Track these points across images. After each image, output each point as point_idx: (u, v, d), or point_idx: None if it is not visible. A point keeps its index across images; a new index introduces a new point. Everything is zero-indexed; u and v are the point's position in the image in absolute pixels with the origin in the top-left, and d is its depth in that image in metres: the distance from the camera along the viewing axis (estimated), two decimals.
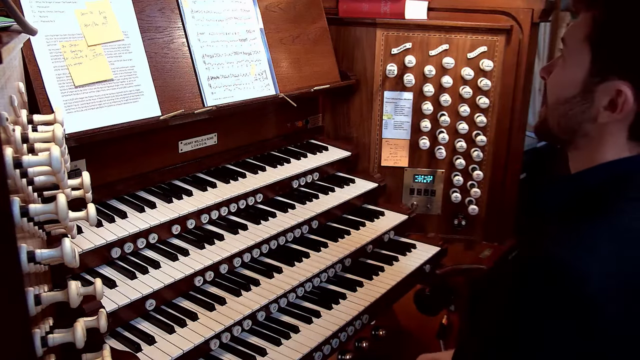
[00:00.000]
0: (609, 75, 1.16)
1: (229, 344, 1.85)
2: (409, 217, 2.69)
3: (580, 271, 1.04)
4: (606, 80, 1.16)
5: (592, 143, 1.24)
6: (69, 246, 1.04)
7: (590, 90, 1.19)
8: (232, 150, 2.50)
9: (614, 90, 1.15)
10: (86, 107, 1.85)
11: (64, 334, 1.10)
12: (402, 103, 2.81)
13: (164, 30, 2.14)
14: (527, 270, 1.12)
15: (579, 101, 1.21)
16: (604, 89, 1.17)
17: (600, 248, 1.07)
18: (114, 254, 1.85)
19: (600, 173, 1.21)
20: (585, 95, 1.20)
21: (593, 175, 1.22)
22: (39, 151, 1.07)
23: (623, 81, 1.14)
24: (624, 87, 1.13)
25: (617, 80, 1.15)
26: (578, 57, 1.21)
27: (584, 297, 1.04)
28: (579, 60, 1.20)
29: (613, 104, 1.16)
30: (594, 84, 1.18)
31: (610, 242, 1.08)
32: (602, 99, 1.17)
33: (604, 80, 1.17)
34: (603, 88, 1.17)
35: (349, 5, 2.92)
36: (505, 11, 2.74)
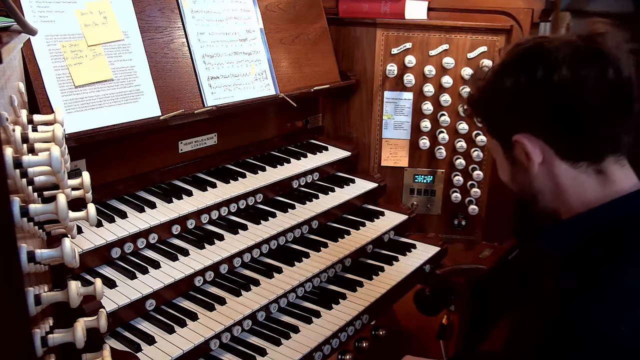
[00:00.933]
0: (510, 139, 1.34)
1: (229, 344, 1.85)
2: (409, 217, 2.69)
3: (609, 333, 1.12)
4: (512, 147, 1.35)
5: (556, 194, 1.35)
6: (69, 246, 1.04)
7: (514, 161, 1.38)
8: (232, 150, 2.50)
9: (518, 145, 1.33)
10: (86, 107, 1.85)
11: (64, 334, 1.10)
12: (402, 103, 2.81)
13: (164, 30, 2.14)
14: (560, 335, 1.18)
15: (517, 173, 1.40)
16: (517, 151, 1.35)
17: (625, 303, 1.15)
18: (114, 254, 1.85)
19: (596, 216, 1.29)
20: (515, 166, 1.39)
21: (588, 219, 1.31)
22: (39, 151, 1.07)
23: (518, 134, 1.31)
24: (518, 137, 1.31)
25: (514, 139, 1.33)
26: (496, 149, 1.44)
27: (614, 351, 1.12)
28: (497, 150, 1.44)
29: (527, 154, 1.32)
30: (511, 155, 1.38)
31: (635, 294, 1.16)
32: (522, 158, 1.34)
33: (512, 148, 1.35)
34: (517, 151, 1.35)
35: (349, 5, 2.92)
36: (505, 11, 2.75)
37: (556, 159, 1.30)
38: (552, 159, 1.30)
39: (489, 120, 1.44)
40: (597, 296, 1.17)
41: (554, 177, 1.32)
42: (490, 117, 1.43)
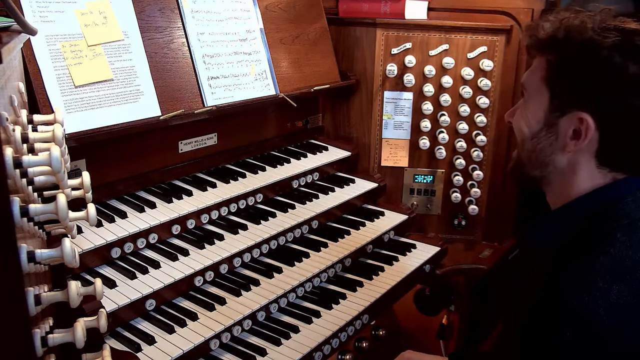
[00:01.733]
0: (569, 108, 1.26)
1: (229, 344, 1.85)
2: (409, 217, 2.69)
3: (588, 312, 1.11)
4: (566, 113, 1.27)
5: (565, 176, 1.32)
6: (69, 246, 1.04)
7: (552, 123, 1.30)
8: (232, 150, 2.50)
9: (577, 119, 1.25)
10: (86, 107, 1.85)
11: (64, 334, 1.10)
12: (402, 103, 2.81)
13: (164, 30, 2.14)
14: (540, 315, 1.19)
15: (545, 134, 1.32)
16: (567, 121, 1.27)
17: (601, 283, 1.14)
18: (114, 254, 1.85)
19: (585, 204, 1.28)
20: (549, 129, 1.30)
21: (578, 208, 1.29)
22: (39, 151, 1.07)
23: (583, 112, 1.24)
24: (585, 115, 1.24)
25: (577, 111, 1.25)
26: (537, 97, 1.32)
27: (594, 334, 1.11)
28: (538, 100, 1.32)
29: (577, 133, 1.26)
30: (555, 117, 1.29)
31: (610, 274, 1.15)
32: (566, 130, 1.27)
33: (564, 114, 1.27)
34: (565, 120, 1.27)
35: (349, 5, 2.93)
36: (505, 11, 2.75)
37: (592, 153, 1.27)
38: (588, 151, 1.27)
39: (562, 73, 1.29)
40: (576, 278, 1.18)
41: (575, 164, 1.29)
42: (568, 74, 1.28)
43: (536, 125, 1.33)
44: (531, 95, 1.36)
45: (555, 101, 1.29)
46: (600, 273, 1.15)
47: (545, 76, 1.31)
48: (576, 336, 1.13)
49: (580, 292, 1.14)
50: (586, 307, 1.11)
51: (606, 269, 1.16)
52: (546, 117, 1.31)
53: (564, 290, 1.17)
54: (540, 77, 1.32)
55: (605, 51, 1.21)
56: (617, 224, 1.20)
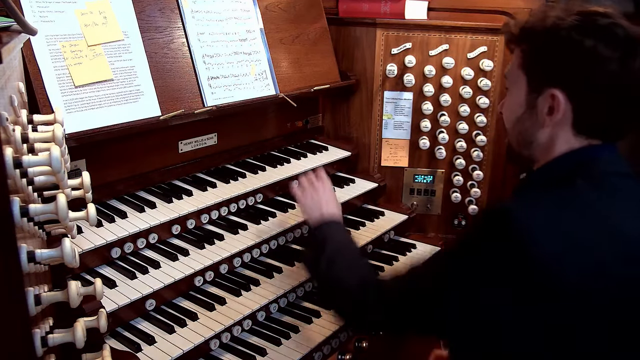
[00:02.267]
0: (543, 87, 1.39)
1: (229, 344, 1.85)
2: (409, 217, 2.69)
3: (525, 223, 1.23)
4: (542, 92, 1.40)
5: (546, 148, 1.44)
6: (69, 246, 1.04)
7: (532, 105, 1.43)
8: (232, 150, 2.50)
9: (549, 96, 1.38)
10: (86, 107, 1.85)
11: (64, 334, 1.10)
12: (402, 103, 2.81)
13: (164, 30, 2.14)
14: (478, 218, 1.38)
15: (527, 117, 1.45)
16: (542, 100, 1.40)
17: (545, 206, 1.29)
18: (114, 254, 1.85)
19: (560, 163, 1.41)
20: (531, 111, 1.44)
21: (554, 165, 1.42)
22: (39, 151, 1.07)
23: (555, 88, 1.37)
24: (555, 92, 1.36)
25: (549, 89, 1.38)
26: (517, 83, 1.47)
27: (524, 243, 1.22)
28: (518, 86, 1.46)
29: (551, 109, 1.38)
30: (534, 98, 1.42)
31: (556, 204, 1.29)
32: (543, 107, 1.40)
33: (540, 93, 1.40)
34: (541, 99, 1.40)
35: (349, 5, 2.93)
36: (505, 11, 2.75)
37: (568, 124, 1.38)
38: (564, 123, 1.38)
39: (534, 57, 1.43)
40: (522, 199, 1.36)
41: (554, 135, 1.41)
42: (539, 56, 1.42)
43: (519, 109, 1.47)
44: (512, 84, 1.50)
45: (532, 83, 1.43)
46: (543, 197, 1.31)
47: (521, 63, 1.46)
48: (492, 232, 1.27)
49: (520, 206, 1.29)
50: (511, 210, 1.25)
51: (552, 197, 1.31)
52: (526, 100, 1.44)
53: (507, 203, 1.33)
54: (518, 65, 1.47)
55: (564, 31, 1.35)
56: (581, 174, 1.33)
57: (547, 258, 1.20)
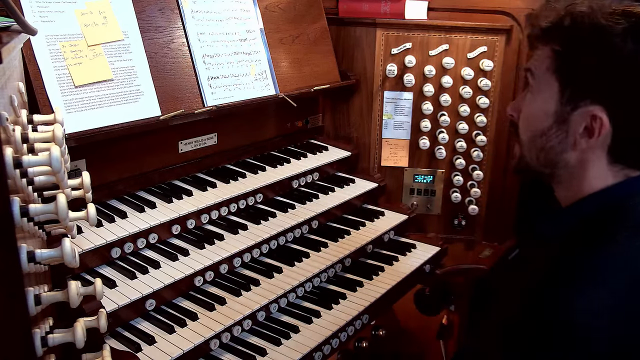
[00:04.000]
0: (581, 101, 1.18)
1: (229, 344, 1.85)
2: (409, 217, 2.69)
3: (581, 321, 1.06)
4: (578, 107, 1.18)
5: (575, 173, 1.25)
6: (69, 246, 1.04)
7: (564, 119, 1.21)
8: (232, 150, 2.50)
9: (589, 116, 1.17)
10: (86, 107, 1.85)
11: (64, 334, 1.10)
12: (402, 103, 2.81)
13: (164, 30, 2.14)
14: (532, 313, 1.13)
15: (555, 132, 1.23)
16: (579, 116, 1.19)
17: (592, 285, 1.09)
18: (114, 254, 1.85)
19: (594, 202, 1.22)
20: (560, 125, 1.22)
21: (587, 206, 1.23)
22: (39, 151, 1.07)
23: (596, 105, 1.16)
24: (598, 111, 1.15)
25: (590, 105, 1.17)
26: (546, 89, 1.23)
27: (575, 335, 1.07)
28: (547, 91, 1.23)
29: (589, 130, 1.18)
30: (567, 112, 1.20)
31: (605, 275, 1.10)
32: (577, 126, 1.19)
33: (577, 108, 1.19)
34: (577, 115, 1.19)
35: (349, 5, 2.92)
36: (505, 11, 2.74)
37: (604, 149, 1.20)
38: (600, 147, 1.20)
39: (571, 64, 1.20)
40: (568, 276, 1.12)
41: (586, 161, 1.22)
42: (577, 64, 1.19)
43: (546, 122, 1.24)
44: (538, 87, 1.27)
45: (567, 93, 1.20)
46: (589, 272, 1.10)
47: (553, 66, 1.23)
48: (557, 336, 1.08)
49: (566, 290, 1.09)
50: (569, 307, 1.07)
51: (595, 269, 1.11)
52: (556, 112, 1.22)
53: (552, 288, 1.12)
54: (547, 68, 1.24)
55: (618, 38, 1.13)
56: (622, 225, 1.14)
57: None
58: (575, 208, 1.26)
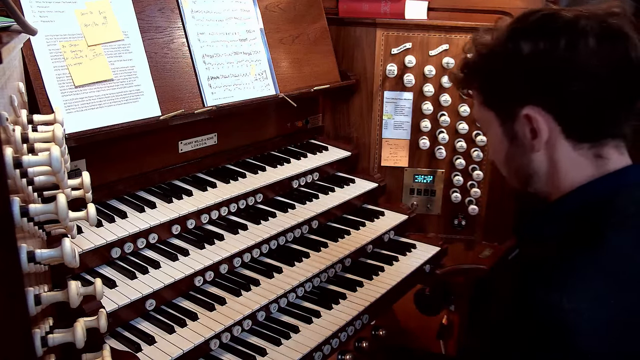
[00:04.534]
0: (512, 112, 1.28)
1: (229, 344, 1.85)
2: (409, 217, 2.69)
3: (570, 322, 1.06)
4: (515, 118, 1.28)
5: (549, 172, 1.30)
6: (69, 246, 1.04)
7: (513, 135, 1.30)
8: (232, 150, 2.50)
9: (524, 118, 1.26)
10: (86, 107, 1.85)
11: (64, 334, 1.10)
12: (402, 103, 2.81)
13: (164, 30, 2.14)
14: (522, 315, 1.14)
15: (515, 150, 1.32)
16: (520, 125, 1.28)
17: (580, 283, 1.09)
18: (114, 254, 1.85)
19: (577, 199, 1.26)
20: (514, 142, 1.31)
21: (570, 202, 1.27)
22: (39, 151, 1.07)
23: (524, 107, 1.25)
24: (527, 110, 1.24)
25: (520, 110, 1.26)
26: (489, 122, 1.36)
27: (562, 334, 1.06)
28: (491, 123, 1.36)
29: (534, 131, 1.25)
30: (511, 128, 1.30)
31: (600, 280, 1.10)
32: (524, 133, 1.27)
33: (514, 119, 1.28)
34: (518, 124, 1.28)
35: (349, 5, 2.92)
36: (505, 11, 2.74)
37: (561, 137, 1.24)
38: (556, 138, 1.25)
39: (489, 88, 1.34)
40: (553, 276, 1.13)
41: (554, 157, 1.27)
42: (491, 85, 1.33)
43: (503, 146, 1.35)
44: (485, 125, 1.40)
45: (501, 114, 1.32)
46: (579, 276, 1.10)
47: (482, 100, 1.37)
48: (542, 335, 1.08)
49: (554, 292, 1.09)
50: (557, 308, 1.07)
51: (587, 271, 1.11)
52: (505, 132, 1.33)
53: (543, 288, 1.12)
54: (480, 104, 1.38)
55: (499, 48, 1.26)
56: (608, 222, 1.15)
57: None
58: (558, 204, 1.30)
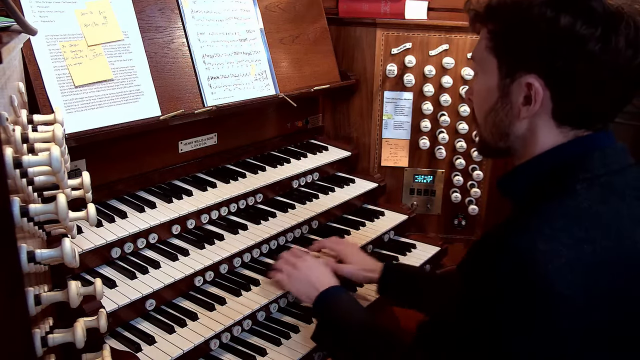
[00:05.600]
0: (516, 73, 1.26)
1: (229, 344, 1.85)
2: (409, 217, 2.69)
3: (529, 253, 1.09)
4: (515, 79, 1.27)
5: (527, 140, 1.32)
6: (69, 246, 1.04)
7: (506, 93, 1.29)
8: (232, 150, 2.50)
9: (525, 85, 1.25)
10: (86, 107, 1.85)
11: (64, 334, 1.10)
12: (402, 103, 2.81)
13: (164, 30, 2.14)
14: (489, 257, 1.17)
15: (501, 106, 1.31)
16: (517, 87, 1.27)
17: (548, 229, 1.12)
18: (114, 254, 1.85)
19: (549, 159, 1.29)
20: (504, 99, 1.30)
21: (542, 162, 1.29)
22: (39, 151, 1.07)
23: (530, 74, 1.24)
24: (531, 79, 1.23)
25: (524, 75, 1.25)
26: (487, 68, 1.33)
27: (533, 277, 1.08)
28: (488, 70, 1.32)
29: (528, 98, 1.25)
30: (507, 85, 1.29)
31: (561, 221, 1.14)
32: (517, 97, 1.27)
33: (514, 80, 1.27)
34: (516, 87, 1.27)
35: (349, 5, 2.93)
36: None
37: (548, 114, 1.27)
38: (544, 113, 1.27)
39: (506, 39, 1.28)
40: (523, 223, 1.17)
41: (535, 127, 1.29)
42: (511, 38, 1.27)
43: (492, 99, 1.33)
44: (480, 68, 1.37)
45: (503, 68, 1.29)
46: (549, 219, 1.14)
47: (489, 45, 1.32)
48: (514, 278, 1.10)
49: (524, 235, 1.12)
50: (526, 249, 1.10)
51: (556, 216, 1.14)
52: (499, 87, 1.31)
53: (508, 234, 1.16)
54: (485, 47, 1.33)
55: (536, 8, 1.21)
56: (578, 178, 1.19)
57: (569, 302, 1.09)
58: (529, 164, 1.32)
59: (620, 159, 1.24)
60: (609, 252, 1.12)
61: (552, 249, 1.09)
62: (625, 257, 1.13)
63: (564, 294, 1.08)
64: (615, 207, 1.17)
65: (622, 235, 1.14)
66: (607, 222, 1.14)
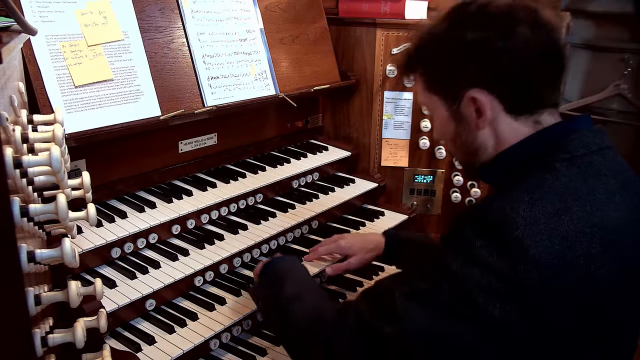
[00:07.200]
0: (458, 94, 1.35)
1: (229, 344, 1.85)
2: (409, 217, 2.69)
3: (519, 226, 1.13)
4: (460, 100, 1.35)
5: (497, 144, 1.38)
6: (69, 246, 1.04)
7: (460, 116, 1.38)
8: (232, 150, 2.50)
9: (470, 100, 1.33)
10: (86, 107, 1.85)
11: (64, 334, 1.10)
12: (402, 103, 2.81)
13: (164, 30, 2.14)
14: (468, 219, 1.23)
15: (462, 129, 1.39)
16: (465, 106, 1.35)
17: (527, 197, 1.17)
18: (114, 254, 1.85)
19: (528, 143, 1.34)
20: (460, 122, 1.39)
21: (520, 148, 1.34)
22: (39, 151, 1.07)
23: (469, 90, 1.32)
24: (473, 93, 1.31)
25: (464, 93, 1.33)
26: (435, 105, 1.42)
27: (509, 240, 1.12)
28: (437, 107, 1.42)
29: (479, 110, 1.33)
30: (457, 110, 1.37)
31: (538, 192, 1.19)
32: (470, 113, 1.35)
33: (460, 101, 1.35)
34: (464, 106, 1.35)
35: (349, 5, 2.92)
36: None
37: (503, 113, 1.33)
38: (499, 114, 1.33)
39: (434, 74, 1.41)
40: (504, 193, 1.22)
41: (497, 130, 1.35)
42: (436, 71, 1.39)
43: (451, 127, 1.41)
44: (431, 107, 1.46)
45: (446, 98, 1.39)
46: (529, 190, 1.19)
47: (426, 87, 1.43)
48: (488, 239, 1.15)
49: (503, 201, 1.18)
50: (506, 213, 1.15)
51: (536, 188, 1.19)
52: (452, 115, 1.39)
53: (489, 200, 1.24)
54: (424, 90, 1.44)
55: (441, 35, 1.33)
56: (557, 158, 1.25)
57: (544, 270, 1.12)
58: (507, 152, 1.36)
59: (598, 141, 1.30)
60: (585, 222, 1.16)
61: (530, 215, 1.14)
62: (600, 227, 1.17)
63: (536, 258, 1.11)
64: (592, 185, 1.22)
65: (598, 208, 1.19)
66: (584, 196, 1.19)
